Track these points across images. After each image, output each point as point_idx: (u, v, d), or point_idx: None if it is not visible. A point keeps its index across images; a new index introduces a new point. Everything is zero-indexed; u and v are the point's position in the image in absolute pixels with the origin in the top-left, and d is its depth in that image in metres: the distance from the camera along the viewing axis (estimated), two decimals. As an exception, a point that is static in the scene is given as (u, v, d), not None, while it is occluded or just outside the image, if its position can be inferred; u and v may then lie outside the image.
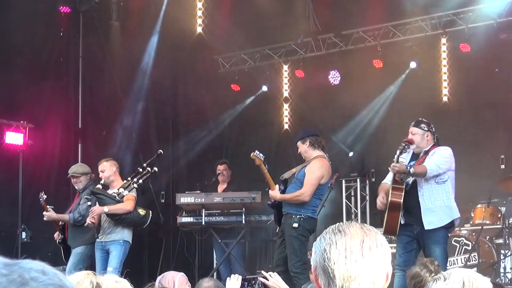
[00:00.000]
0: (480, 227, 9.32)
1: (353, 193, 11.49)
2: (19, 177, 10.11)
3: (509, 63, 10.22)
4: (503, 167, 10.22)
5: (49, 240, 9.15)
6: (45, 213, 8.52)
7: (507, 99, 10.36)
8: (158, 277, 4.51)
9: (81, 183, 8.52)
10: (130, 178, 8.16)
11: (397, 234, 6.95)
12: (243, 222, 9.85)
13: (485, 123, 10.84)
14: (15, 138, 10.25)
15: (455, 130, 10.80)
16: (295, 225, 7.43)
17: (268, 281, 4.71)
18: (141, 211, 8.18)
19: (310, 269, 5.88)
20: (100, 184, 8.15)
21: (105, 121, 11.92)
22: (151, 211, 8.40)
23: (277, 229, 7.96)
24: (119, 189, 8.05)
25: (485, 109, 10.79)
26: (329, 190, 8.92)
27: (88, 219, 8.04)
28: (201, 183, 11.09)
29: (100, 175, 8.23)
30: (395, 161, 6.81)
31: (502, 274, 9.44)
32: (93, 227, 8.08)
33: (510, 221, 9.50)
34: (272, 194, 7.68)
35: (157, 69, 11.80)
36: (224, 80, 12.40)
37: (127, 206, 8.00)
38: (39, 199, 8.57)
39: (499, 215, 9.59)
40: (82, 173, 8.55)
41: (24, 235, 9.94)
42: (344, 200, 11.40)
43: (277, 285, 4.67)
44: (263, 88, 12.43)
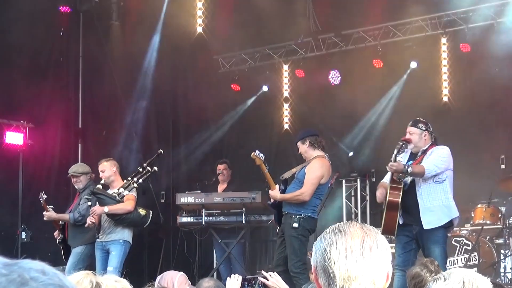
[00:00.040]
0: (480, 227, 9.32)
1: (353, 193, 11.48)
2: (19, 177, 10.11)
3: (509, 63, 10.21)
4: (503, 167, 10.21)
5: (49, 240, 9.14)
6: (45, 213, 8.52)
7: (507, 99, 10.35)
8: (157, 277, 4.51)
9: (81, 183, 8.52)
10: (130, 178, 8.16)
11: (396, 234, 6.94)
12: (243, 222, 9.84)
13: (485, 123, 10.84)
14: (15, 138, 10.25)
15: (455, 130, 10.80)
16: (295, 225, 7.42)
17: (268, 281, 4.71)
18: (142, 211, 8.18)
19: (310, 269, 5.88)
20: (100, 184, 8.15)
21: (105, 121, 11.92)
22: (151, 211, 8.40)
23: (277, 229, 7.96)
24: (119, 189, 8.04)
25: (485, 109, 10.78)
26: (329, 190, 8.91)
27: (88, 219, 8.04)
28: (201, 183, 11.08)
29: (100, 175, 8.23)
30: (392, 160, 6.82)
31: (502, 274, 9.44)
32: (93, 227, 8.08)
33: (510, 221, 9.49)
34: (272, 194, 7.68)
35: (157, 69, 11.80)
36: (224, 80, 12.39)
37: (128, 206, 7.99)
38: (39, 199, 8.57)
39: (499, 215, 9.59)
40: (82, 172, 8.55)
41: (24, 235, 9.94)
42: (344, 200, 11.39)
43: (277, 285, 4.67)
44: (264, 88, 12.41)
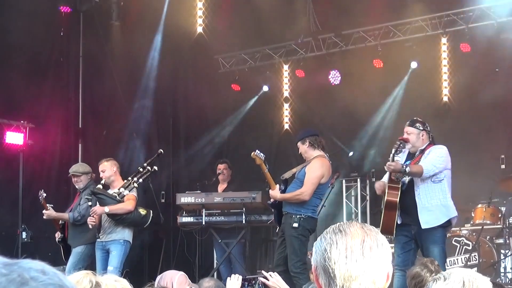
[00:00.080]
0: (480, 227, 9.32)
1: (353, 193, 11.48)
2: (19, 177, 10.11)
3: (509, 63, 10.21)
4: (503, 167, 10.22)
5: (50, 240, 9.14)
6: (44, 212, 8.52)
7: (507, 99, 10.35)
8: (157, 277, 4.51)
9: (81, 183, 8.52)
10: (130, 178, 8.16)
11: (395, 234, 6.94)
12: (244, 222, 9.84)
13: (485, 123, 10.84)
14: (15, 138, 10.24)
15: (455, 130, 10.80)
16: (295, 225, 7.42)
17: (268, 281, 4.71)
18: (142, 211, 8.18)
19: (310, 269, 5.88)
20: (100, 184, 8.15)
21: (106, 121, 11.91)
22: (151, 211, 8.40)
23: (277, 229, 7.96)
24: (119, 189, 8.04)
25: (485, 109, 10.78)
26: (329, 189, 8.90)
27: (88, 219, 8.04)
28: (201, 183, 11.08)
29: (100, 175, 8.22)
30: (390, 160, 6.82)
31: (502, 274, 9.44)
32: (94, 227, 8.08)
33: (510, 221, 9.49)
34: (272, 193, 7.67)
35: (158, 69, 11.80)
36: (224, 80, 12.39)
37: (128, 206, 7.99)
38: (38, 197, 8.57)
39: (500, 215, 9.59)
40: (83, 172, 8.55)
41: (24, 235, 9.93)
42: (344, 200, 11.39)
43: (277, 285, 4.67)
44: (264, 88, 12.41)
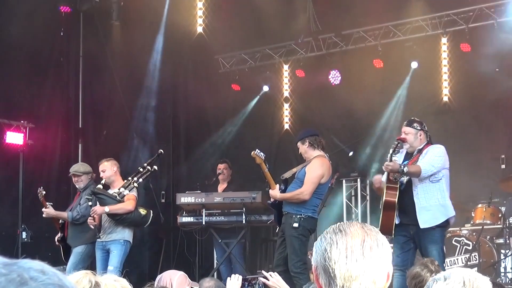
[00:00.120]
0: (480, 227, 9.31)
1: (353, 193, 11.48)
2: (19, 177, 10.10)
3: (509, 63, 10.21)
4: (503, 167, 10.21)
5: (50, 240, 9.14)
6: (44, 210, 8.53)
7: (507, 99, 10.35)
8: (157, 277, 4.51)
9: (82, 182, 8.52)
10: (130, 177, 8.15)
11: (393, 234, 6.93)
12: (244, 222, 9.84)
13: (485, 123, 10.84)
14: (15, 137, 10.24)
15: (455, 130, 10.81)
16: (296, 225, 7.42)
17: (268, 281, 4.71)
18: (142, 211, 8.18)
19: (310, 269, 5.88)
20: (101, 184, 8.15)
21: (106, 120, 11.92)
22: (151, 211, 8.40)
23: (277, 229, 7.95)
24: (119, 189, 8.04)
25: (485, 109, 10.78)
26: (329, 190, 8.90)
27: (89, 219, 8.04)
28: (201, 183, 11.08)
29: (101, 175, 8.22)
30: (388, 160, 6.82)
31: (502, 274, 9.44)
32: (94, 227, 8.08)
33: (510, 221, 9.48)
34: (272, 193, 7.67)
35: (158, 69, 11.81)
36: (224, 80, 12.38)
37: (128, 206, 7.99)
38: (37, 194, 8.57)
39: (500, 215, 9.58)
40: (83, 172, 8.55)
41: (24, 235, 9.93)
42: (344, 200, 11.39)
43: (278, 285, 4.67)
44: (264, 88, 12.40)
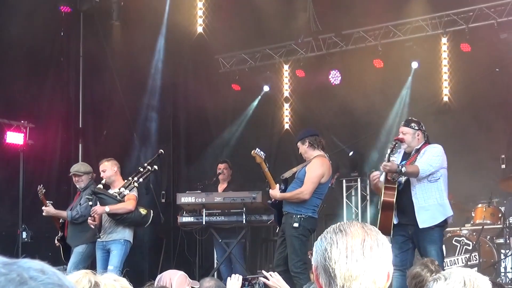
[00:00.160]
0: (480, 227, 9.31)
1: (353, 193, 11.48)
2: (19, 177, 10.10)
3: (509, 63, 10.21)
4: (503, 167, 10.21)
5: (50, 240, 9.15)
6: (43, 208, 8.53)
7: (507, 99, 10.35)
8: (157, 277, 4.51)
9: (82, 182, 8.52)
10: (131, 177, 8.16)
11: (392, 234, 6.93)
12: (244, 222, 9.83)
13: (485, 123, 10.84)
14: (15, 137, 10.24)
15: (455, 130, 10.81)
16: (296, 224, 7.41)
17: (268, 280, 4.71)
18: (142, 211, 8.18)
19: (310, 268, 5.88)
20: (101, 184, 8.15)
21: (106, 120, 11.92)
22: (152, 211, 8.40)
23: (278, 229, 7.95)
24: (120, 189, 8.04)
25: (485, 109, 10.78)
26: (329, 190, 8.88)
27: (89, 219, 8.04)
28: (201, 182, 11.08)
29: (101, 175, 8.22)
30: (386, 161, 6.82)
31: (502, 274, 9.43)
32: (95, 227, 8.08)
33: (510, 221, 9.48)
34: (272, 193, 7.66)
35: (158, 69, 11.81)
36: (224, 80, 12.38)
37: (128, 205, 7.99)
38: (37, 192, 8.56)
39: (500, 215, 9.58)
40: (84, 172, 8.55)
41: (24, 234, 9.93)
42: (344, 199, 11.39)
43: (278, 284, 4.67)
44: (265, 88, 12.41)
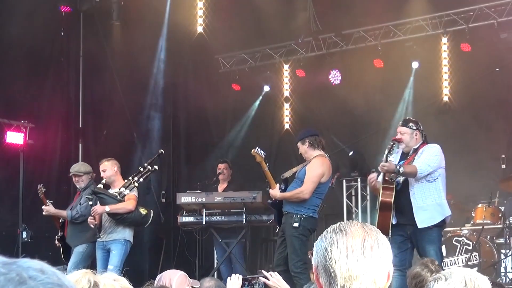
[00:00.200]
0: (481, 227, 9.30)
1: (353, 193, 11.47)
2: (19, 177, 10.10)
3: (509, 62, 10.20)
4: (503, 166, 10.21)
5: (50, 239, 9.15)
6: (44, 207, 8.52)
7: (507, 99, 10.35)
8: (157, 277, 4.50)
9: (83, 182, 8.52)
10: (131, 177, 8.15)
11: (390, 234, 6.92)
12: (244, 221, 9.83)
13: (485, 123, 10.83)
14: (15, 137, 10.24)
15: (455, 129, 10.81)
16: (296, 224, 7.41)
17: (268, 280, 4.71)
18: (143, 211, 8.17)
19: (310, 268, 5.88)
20: (101, 183, 8.15)
21: (106, 120, 11.92)
22: (152, 211, 8.40)
23: (278, 228, 7.94)
24: (120, 189, 8.04)
25: (485, 108, 10.78)
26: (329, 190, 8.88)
27: (89, 218, 8.03)
28: (201, 182, 11.08)
29: (101, 175, 8.22)
30: (384, 161, 6.81)
31: (502, 274, 9.43)
32: (95, 226, 8.07)
33: (510, 221, 9.47)
34: (272, 192, 7.65)
35: (158, 69, 11.81)
36: (224, 79, 12.39)
37: (129, 205, 7.99)
38: (37, 192, 8.56)
39: (500, 215, 9.58)
40: (84, 172, 8.55)
41: (24, 234, 9.93)
42: (344, 199, 11.38)
43: (278, 284, 4.67)
44: (265, 88, 12.41)
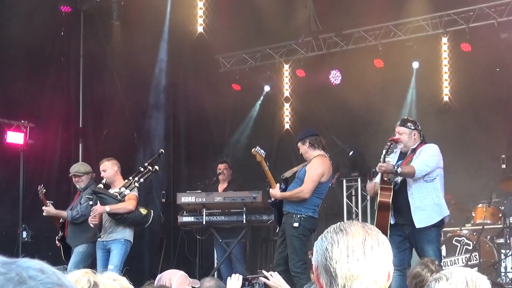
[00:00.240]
0: (481, 227, 9.30)
1: (353, 193, 11.47)
2: (20, 177, 10.10)
3: (509, 62, 10.20)
4: (503, 166, 10.21)
5: (50, 239, 9.15)
6: (44, 208, 8.52)
7: (507, 99, 10.35)
8: (157, 277, 4.50)
9: (83, 182, 8.52)
10: (131, 177, 8.15)
11: (389, 234, 6.91)
12: (244, 221, 9.83)
13: (485, 123, 10.82)
14: (15, 137, 10.24)
15: (455, 129, 10.81)
16: (296, 224, 7.41)
17: (269, 280, 4.71)
18: (143, 211, 8.17)
19: (311, 268, 5.88)
20: (101, 183, 8.15)
21: (106, 120, 11.92)
22: (152, 211, 8.40)
23: (278, 228, 7.94)
24: (120, 189, 8.04)
25: (485, 108, 10.77)
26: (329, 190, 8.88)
27: (89, 218, 8.03)
28: (201, 182, 11.08)
29: (101, 175, 8.22)
30: (381, 161, 6.80)
31: (503, 273, 9.43)
32: (95, 226, 8.07)
33: (511, 221, 9.47)
34: (272, 192, 7.65)
35: (158, 69, 11.81)
36: (225, 79, 12.38)
37: (129, 205, 7.99)
38: (38, 192, 8.56)
39: (500, 215, 9.57)
40: (84, 172, 8.55)
41: (24, 234, 9.93)
42: (345, 199, 11.38)
43: (278, 284, 4.67)
44: (266, 88, 12.41)
